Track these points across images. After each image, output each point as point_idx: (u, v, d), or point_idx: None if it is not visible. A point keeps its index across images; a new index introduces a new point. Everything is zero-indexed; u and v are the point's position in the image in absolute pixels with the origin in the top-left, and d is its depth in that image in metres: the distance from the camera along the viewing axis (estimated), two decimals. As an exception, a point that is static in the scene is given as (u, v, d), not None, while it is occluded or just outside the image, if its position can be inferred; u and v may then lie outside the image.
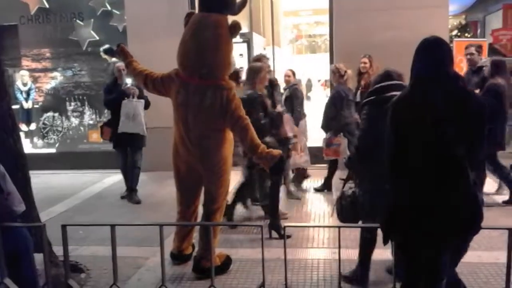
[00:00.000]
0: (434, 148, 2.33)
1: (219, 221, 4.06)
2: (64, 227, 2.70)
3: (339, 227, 3.61)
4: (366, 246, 3.62)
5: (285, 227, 2.95)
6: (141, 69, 4.13)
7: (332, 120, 6.07)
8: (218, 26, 3.78)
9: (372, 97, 3.51)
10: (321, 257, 4.25)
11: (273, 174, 4.42)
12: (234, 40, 3.96)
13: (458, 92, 2.34)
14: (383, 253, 3.73)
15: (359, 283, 3.62)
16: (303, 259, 4.17)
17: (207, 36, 3.74)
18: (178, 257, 4.20)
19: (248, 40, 8.83)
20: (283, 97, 6.30)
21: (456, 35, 13.31)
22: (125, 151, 6.37)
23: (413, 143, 2.37)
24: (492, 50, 9.55)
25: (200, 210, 4.15)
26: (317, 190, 6.52)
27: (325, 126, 6.22)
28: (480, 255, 4.10)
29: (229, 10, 3.89)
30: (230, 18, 3.89)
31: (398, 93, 3.34)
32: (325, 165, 6.64)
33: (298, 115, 6.24)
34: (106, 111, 7.97)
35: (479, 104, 2.37)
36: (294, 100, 6.33)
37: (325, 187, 6.49)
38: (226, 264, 4.05)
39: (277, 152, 3.71)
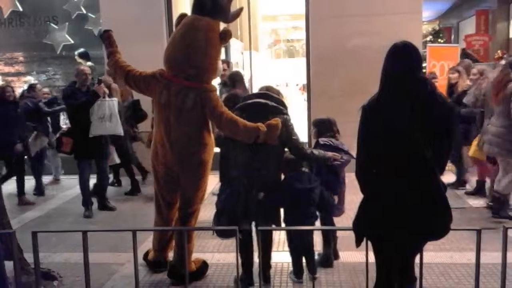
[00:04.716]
0: (403, 152, 2.37)
1: (194, 225, 4.02)
2: (34, 234, 2.65)
3: (315, 229, 3.66)
4: (241, 248, 3.43)
5: (258, 230, 2.95)
6: (123, 64, 4.06)
7: None
8: (209, 30, 3.75)
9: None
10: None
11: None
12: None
13: (425, 96, 2.39)
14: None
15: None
16: (279, 262, 4.18)
17: (197, 38, 3.72)
18: (163, 264, 4.10)
19: (225, 45, 8.85)
20: None
21: (430, 41, 13.58)
22: (90, 162, 5.90)
23: (383, 147, 2.41)
24: (465, 55, 9.75)
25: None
26: None
27: None
28: (452, 256, 4.19)
29: (222, 16, 3.88)
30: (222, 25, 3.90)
31: (260, 99, 3.62)
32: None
33: None
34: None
35: (445, 107, 2.42)
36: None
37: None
38: (202, 269, 4.02)
39: (275, 121, 3.50)
